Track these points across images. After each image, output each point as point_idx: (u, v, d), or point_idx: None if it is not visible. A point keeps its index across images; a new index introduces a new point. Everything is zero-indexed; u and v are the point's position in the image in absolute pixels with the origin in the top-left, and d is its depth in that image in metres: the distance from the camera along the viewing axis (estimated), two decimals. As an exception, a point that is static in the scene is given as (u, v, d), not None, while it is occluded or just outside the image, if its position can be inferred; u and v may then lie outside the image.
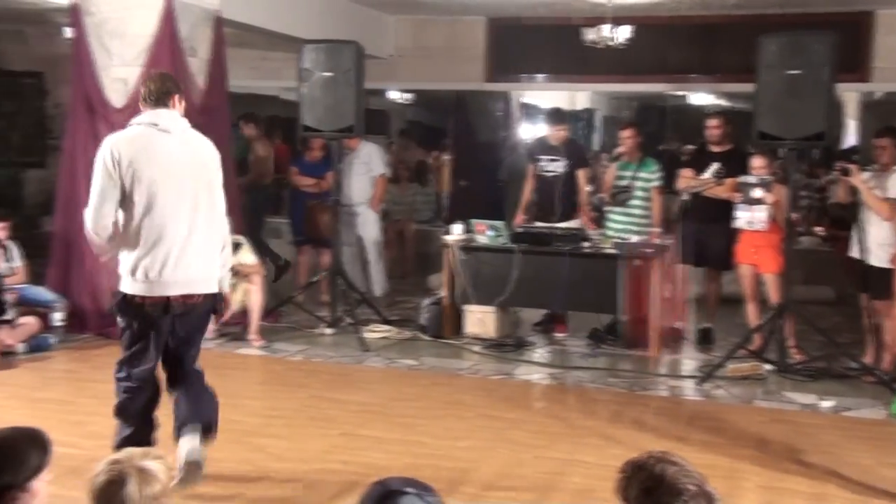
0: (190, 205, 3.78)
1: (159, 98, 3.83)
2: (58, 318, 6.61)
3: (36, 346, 6.29)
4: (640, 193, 7.02)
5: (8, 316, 6.24)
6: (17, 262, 6.79)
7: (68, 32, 7.40)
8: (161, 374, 3.94)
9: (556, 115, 7.80)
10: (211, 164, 3.94)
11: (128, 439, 3.75)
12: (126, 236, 3.75)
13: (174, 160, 3.76)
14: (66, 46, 7.68)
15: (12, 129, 11.07)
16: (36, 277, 6.95)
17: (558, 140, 7.20)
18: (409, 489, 1.87)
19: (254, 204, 8.64)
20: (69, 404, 5.14)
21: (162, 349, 3.86)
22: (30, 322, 6.37)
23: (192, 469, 3.67)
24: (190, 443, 3.73)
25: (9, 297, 6.32)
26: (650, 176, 7.02)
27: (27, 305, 6.58)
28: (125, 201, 3.71)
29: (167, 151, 3.76)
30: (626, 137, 7.11)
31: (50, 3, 8.26)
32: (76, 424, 4.65)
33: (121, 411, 3.86)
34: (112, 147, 3.73)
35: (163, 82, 3.90)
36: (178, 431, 3.80)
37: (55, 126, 10.33)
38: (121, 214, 3.74)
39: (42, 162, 10.87)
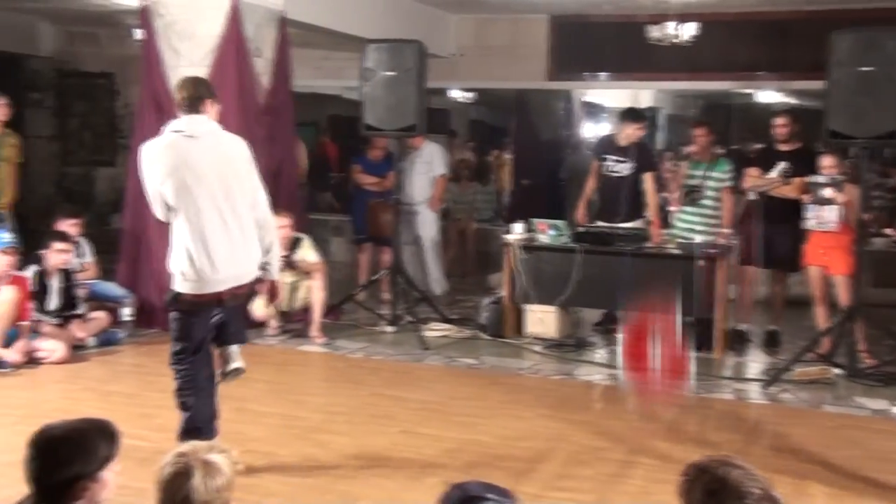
0: (226, 204, 3.87)
1: (191, 104, 3.92)
2: (127, 313, 6.76)
3: (105, 341, 6.45)
4: (710, 193, 6.89)
5: (79, 311, 6.41)
6: (88, 258, 6.98)
7: (139, 34, 7.57)
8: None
9: (634, 114, 7.37)
10: (237, 158, 4.00)
11: (190, 421, 3.91)
12: (173, 239, 3.90)
13: (203, 164, 3.84)
14: (137, 48, 7.85)
15: (85, 129, 11.38)
16: (106, 273, 7.14)
17: (630, 140, 7.01)
18: (489, 495, 1.82)
19: None
20: (137, 397, 5.26)
21: (212, 336, 4.03)
22: (100, 317, 6.54)
23: (237, 372, 4.17)
24: (236, 352, 4.17)
25: (80, 293, 6.49)
26: (722, 176, 6.87)
27: (97, 300, 6.76)
28: (168, 207, 3.85)
29: (196, 156, 3.84)
30: (699, 136, 6.99)
31: (121, 5, 8.46)
32: (144, 417, 4.76)
33: (181, 394, 3.97)
34: (147, 156, 3.88)
35: (195, 88, 3.98)
36: (224, 344, 4.15)
37: (125, 125, 10.57)
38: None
39: (112, 160, 11.14)
